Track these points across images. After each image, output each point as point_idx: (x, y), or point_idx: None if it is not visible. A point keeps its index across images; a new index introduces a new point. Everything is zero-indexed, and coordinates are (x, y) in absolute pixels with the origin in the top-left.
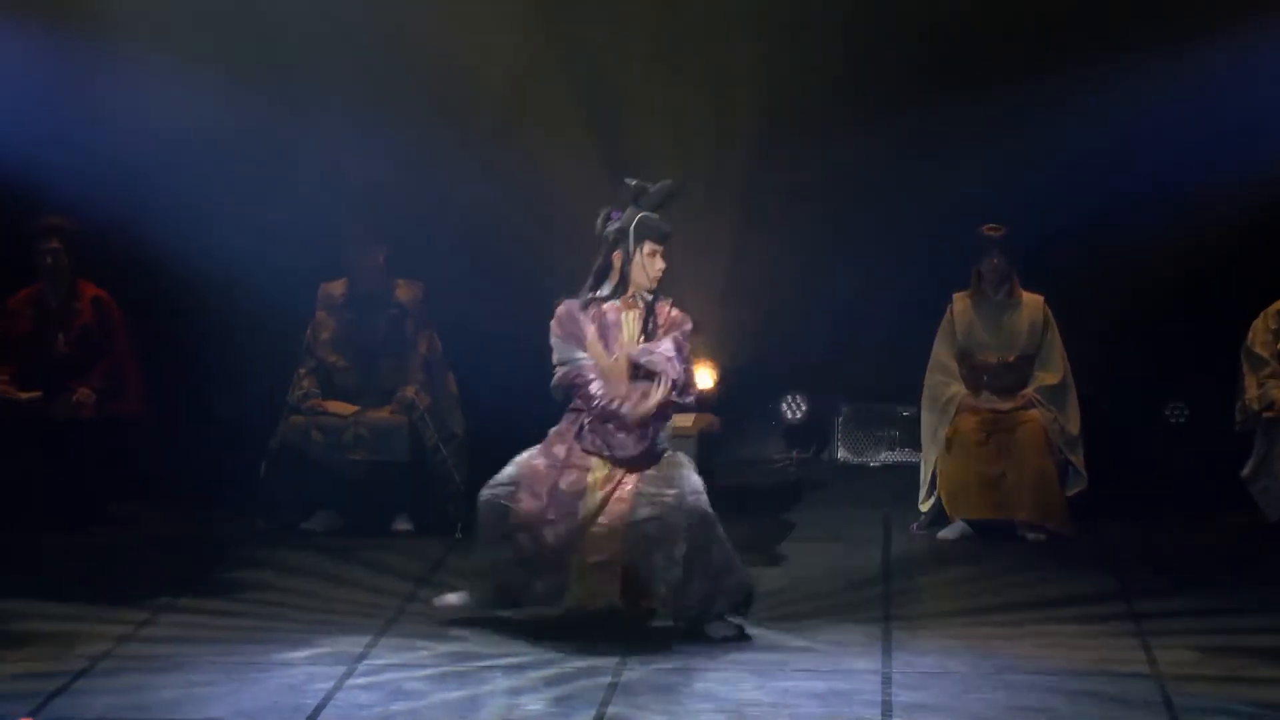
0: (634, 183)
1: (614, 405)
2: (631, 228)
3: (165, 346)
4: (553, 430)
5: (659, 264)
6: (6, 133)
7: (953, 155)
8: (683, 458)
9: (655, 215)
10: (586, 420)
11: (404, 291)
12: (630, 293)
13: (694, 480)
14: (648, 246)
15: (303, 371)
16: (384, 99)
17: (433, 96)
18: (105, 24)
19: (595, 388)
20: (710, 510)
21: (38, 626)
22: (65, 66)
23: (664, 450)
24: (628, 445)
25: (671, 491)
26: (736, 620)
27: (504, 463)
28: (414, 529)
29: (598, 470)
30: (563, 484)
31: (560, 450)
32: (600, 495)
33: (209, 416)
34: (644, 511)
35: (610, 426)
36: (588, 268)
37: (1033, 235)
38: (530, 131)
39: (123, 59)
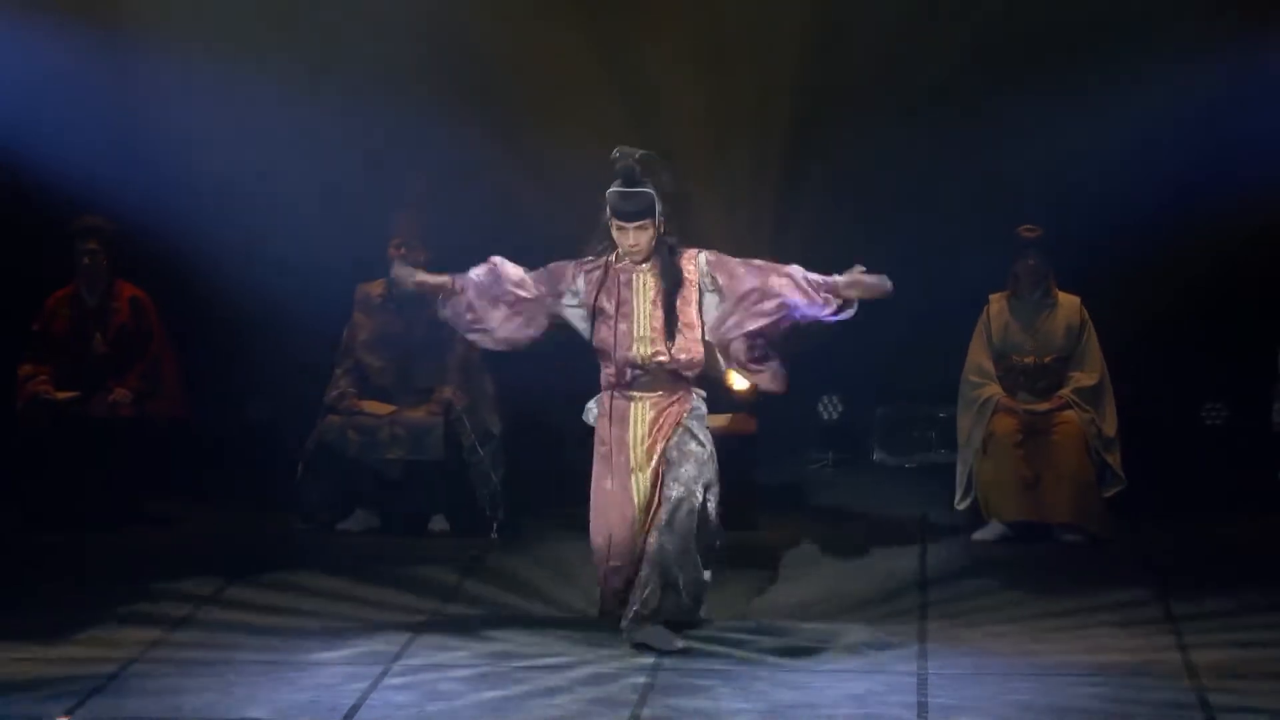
0: (617, 153)
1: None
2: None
3: (202, 347)
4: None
5: (627, 239)
6: (47, 134)
7: (992, 155)
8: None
9: (621, 188)
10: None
11: None
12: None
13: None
14: (613, 221)
15: (339, 372)
16: (425, 98)
17: (474, 95)
18: (145, 25)
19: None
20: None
21: (75, 626)
22: (106, 68)
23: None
24: None
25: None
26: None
27: (541, 462)
28: (450, 529)
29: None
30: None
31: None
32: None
33: (246, 416)
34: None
35: None
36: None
37: (1070, 235)
38: (571, 130)
39: (163, 60)
